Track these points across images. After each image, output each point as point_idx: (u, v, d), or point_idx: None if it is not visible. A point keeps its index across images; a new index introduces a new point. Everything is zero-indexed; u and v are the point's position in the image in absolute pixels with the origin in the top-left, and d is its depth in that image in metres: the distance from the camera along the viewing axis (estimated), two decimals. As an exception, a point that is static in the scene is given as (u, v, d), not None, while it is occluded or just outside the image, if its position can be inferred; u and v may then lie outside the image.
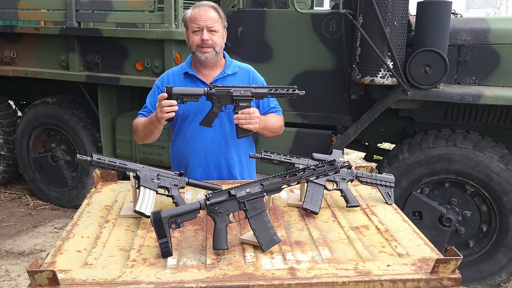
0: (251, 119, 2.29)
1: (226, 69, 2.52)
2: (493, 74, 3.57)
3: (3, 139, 5.33)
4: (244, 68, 2.60)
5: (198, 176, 2.52)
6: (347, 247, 1.77)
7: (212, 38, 2.38)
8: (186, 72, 2.50)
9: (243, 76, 2.56)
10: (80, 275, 1.53)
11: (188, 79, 2.50)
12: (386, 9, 3.33)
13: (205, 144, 2.50)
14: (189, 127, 2.50)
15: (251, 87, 2.29)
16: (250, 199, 1.73)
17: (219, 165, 2.53)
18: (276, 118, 2.58)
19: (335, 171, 1.81)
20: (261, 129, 2.43)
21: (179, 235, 1.85)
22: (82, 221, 1.95)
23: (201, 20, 2.36)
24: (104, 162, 1.96)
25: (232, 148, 2.53)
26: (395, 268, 1.61)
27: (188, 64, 2.53)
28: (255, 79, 2.58)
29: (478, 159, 3.39)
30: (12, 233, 4.52)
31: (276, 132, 2.58)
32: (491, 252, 3.55)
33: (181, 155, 2.56)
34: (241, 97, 2.27)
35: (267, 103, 2.58)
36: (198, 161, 2.52)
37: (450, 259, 1.56)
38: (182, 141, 2.54)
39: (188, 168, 2.55)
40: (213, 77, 2.49)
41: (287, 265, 1.62)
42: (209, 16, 2.38)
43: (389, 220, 2.01)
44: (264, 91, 2.29)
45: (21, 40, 4.71)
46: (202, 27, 2.36)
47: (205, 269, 1.59)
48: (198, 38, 2.38)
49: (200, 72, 2.50)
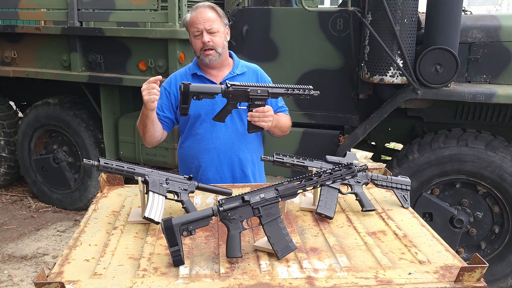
0: (265, 117, 2.28)
1: (235, 69, 2.52)
2: (504, 72, 3.50)
3: (4, 140, 5.26)
4: (252, 68, 2.60)
5: (211, 176, 2.50)
6: (365, 254, 1.70)
7: (213, 40, 2.37)
8: (195, 73, 2.48)
9: (251, 76, 2.56)
10: (90, 286, 1.46)
11: (197, 79, 2.47)
12: (396, 7, 3.26)
13: (218, 144, 2.48)
14: (200, 127, 2.48)
15: (268, 87, 2.27)
16: (265, 204, 1.67)
17: (232, 164, 2.51)
18: (285, 117, 2.59)
19: (352, 175, 1.74)
20: (273, 127, 2.44)
21: (190, 242, 1.78)
22: (89, 228, 1.88)
23: (200, 23, 2.35)
24: (112, 166, 1.89)
25: (244, 147, 2.52)
26: (417, 276, 1.54)
27: (195, 65, 2.52)
28: (262, 79, 2.58)
29: (490, 159, 3.32)
30: (14, 236, 4.45)
31: (285, 131, 2.59)
32: (503, 254, 3.48)
33: (192, 155, 2.53)
34: (257, 96, 2.25)
35: (275, 102, 2.58)
36: (211, 161, 2.50)
37: (476, 267, 1.50)
38: (193, 141, 2.51)
39: (200, 168, 2.52)
40: (222, 77, 2.48)
41: (305, 274, 1.55)
42: (207, 17, 2.36)
43: (407, 225, 1.95)
44: (280, 91, 2.26)
45: (22, 40, 4.64)
46: (201, 30, 2.36)
47: (219, 278, 1.53)
48: (199, 42, 2.38)
49: (208, 73, 2.49)
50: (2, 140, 5.25)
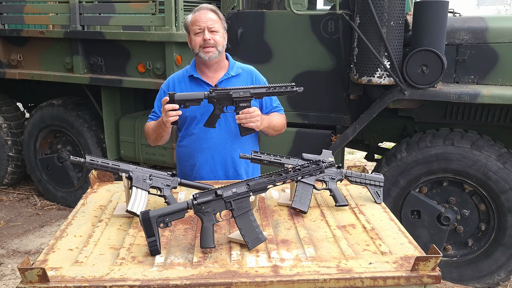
0: (251, 117, 2.37)
1: (230, 70, 2.59)
2: (491, 73, 3.57)
3: (12, 140, 5.44)
4: (247, 70, 2.67)
5: (205, 175, 2.61)
6: (332, 245, 1.80)
7: (214, 38, 2.46)
8: (191, 75, 2.57)
9: (246, 77, 2.63)
10: (70, 272, 1.59)
11: (194, 82, 2.57)
12: (383, 10, 3.35)
13: (212, 144, 2.57)
14: (195, 127, 2.58)
15: (249, 88, 2.36)
16: (236, 198, 1.78)
17: (225, 163, 2.60)
18: (278, 117, 2.65)
19: (320, 171, 1.85)
20: (266, 128, 2.52)
21: (169, 234, 1.90)
22: (76, 220, 2.01)
23: (202, 21, 2.45)
24: (97, 163, 2.01)
25: (238, 147, 2.59)
26: (376, 266, 1.64)
27: (192, 67, 2.60)
28: (257, 80, 2.65)
29: (475, 158, 3.40)
30: (19, 232, 4.62)
31: (279, 130, 2.66)
32: (489, 251, 3.55)
33: (188, 154, 2.64)
34: (241, 98, 2.34)
35: (270, 102, 2.65)
36: (205, 160, 2.60)
37: (430, 257, 1.59)
38: (189, 141, 2.62)
39: (195, 167, 2.62)
40: (217, 78, 2.57)
41: (271, 263, 1.66)
42: (209, 17, 2.46)
43: (376, 219, 2.04)
44: (262, 91, 2.35)
45: (27, 43, 4.81)
46: (203, 28, 2.45)
47: (191, 266, 1.64)
48: (200, 38, 2.46)
49: (204, 74, 2.57)
50: (9, 140, 5.43)
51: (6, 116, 5.45)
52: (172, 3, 3.94)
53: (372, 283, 1.58)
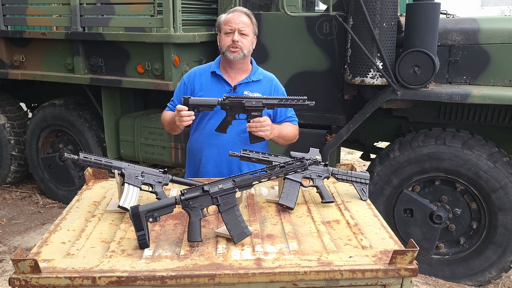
0: (262, 127, 2.44)
1: (252, 75, 2.67)
2: (483, 74, 3.62)
3: (15, 140, 5.54)
4: (268, 77, 2.75)
5: (210, 170, 2.69)
6: (315, 240, 1.87)
7: (242, 41, 2.54)
8: (214, 71, 2.65)
9: (266, 84, 2.70)
10: (62, 264, 1.66)
11: (215, 78, 2.66)
12: (375, 11, 3.41)
13: (220, 141, 2.64)
14: (207, 123, 2.66)
15: (262, 98, 2.42)
16: (223, 194, 1.85)
17: (230, 161, 2.67)
18: (290, 127, 2.72)
19: (304, 168, 1.91)
20: (276, 137, 2.60)
21: (159, 228, 1.97)
22: (70, 215, 2.09)
23: (234, 23, 2.53)
24: (91, 160, 2.09)
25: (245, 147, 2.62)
26: (356, 260, 1.70)
27: (216, 64, 2.68)
28: (276, 88, 2.73)
29: (466, 157, 3.45)
30: (21, 230, 4.71)
31: (289, 140, 2.73)
32: (481, 249, 3.60)
33: (196, 148, 2.73)
34: (253, 108, 2.41)
35: (284, 112, 2.72)
36: (211, 156, 2.68)
37: (407, 250, 1.65)
38: (199, 135, 2.70)
39: (201, 161, 2.71)
40: (238, 80, 2.64)
41: (255, 256, 1.73)
42: (241, 20, 2.55)
43: (361, 215, 2.10)
44: (274, 102, 2.41)
45: (29, 44, 4.90)
46: (234, 29, 2.53)
47: (177, 259, 1.71)
48: (229, 39, 2.54)
49: (227, 73, 2.65)
50: (12, 139, 5.53)
51: (9, 116, 5.55)
52: (170, 5, 4.01)
53: (351, 275, 1.63)
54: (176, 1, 4.03)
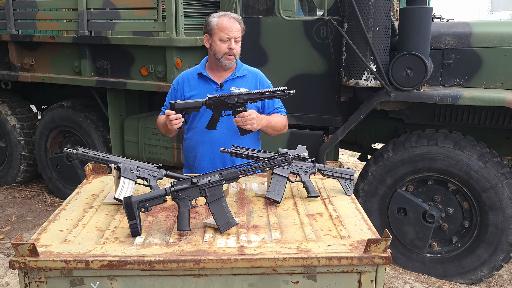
0: (247, 120, 2.55)
1: (236, 71, 2.79)
2: (476, 76, 3.71)
3: (24, 140, 5.72)
4: (252, 72, 2.87)
5: (205, 166, 2.81)
6: (297, 230, 1.98)
7: (236, 48, 2.68)
8: (200, 72, 2.78)
9: (251, 79, 2.82)
10: (58, 249, 1.79)
11: (202, 79, 2.79)
12: (368, 16, 3.52)
13: (213, 137, 2.76)
14: (199, 121, 2.78)
15: (243, 94, 2.53)
16: (210, 186, 1.96)
17: (224, 156, 2.76)
18: (279, 117, 2.82)
19: (287, 163, 2.03)
20: (264, 127, 2.71)
21: (152, 219, 2.09)
22: (69, 206, 2.22)
23: (231, 31, 2.64)
24: (89, 154, 2.22)
25: (237, 142, 2.71)
26: (333, 248, 1.80)
27: (202, 66, 2.81)
28: (262, 82, 2.84)
29: (458, 157, 3.54)
30: (28, 227, 4.87)
31: (279, 130, 2.83)
32: (472, 248, 3.67)
33: (192, 146, 2.85)
34: (236, 104, 2.52)
35: (272, 104, 2.83)
36: (206, 152, 2.80)
37: (381, 239, 1.75)
38: (193, 133, 2.83)
39: (196, 158, 2.83)
40: (224, 78, 2.77)
41: (239, 244, 1.84)
42: (236, 27, 2.67)
43: (343, 209, 2.21)
44: (255, 96, 2.52)
45: (39, 48, 5.08)
46: (231, 37, 2.64)
47: (166, 246, 1.83)
48: (225, 46, 2.65)
49: (213, 73, 2.77)
50: (22, 140, 5.71)
51: (19, 117, 5.74)
52: (172, 10, 4.16)
53: (327, 262, 1.74)
54: (178, 7, 4.18)
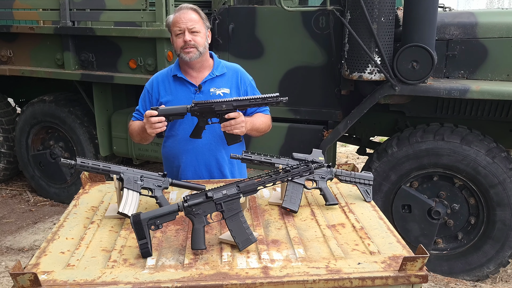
0: (236, 124, 2.35)
1: (215, 70, 2.57)
2: (481, 68, 3.60)
3: (3, 137, 5.42)
4: (232, 68, 2.64)
5: (190, 176, 2.59)
6: (321, 245, 1.83)
7: (194, 39, 2.44)
8: (175, 75, 2.56)
9: (231, 77, 2.61)
10: (62, 276, 1.60)
11: (178, 81, 2.56)
12: (373, 6, 3.36)
13: (196, 145, 2.55)
14: (179, 128, 2.56)
15: (232, 101, 2.33)
16: (227, 200, 1.79)
17: (209, 164, 2.60)
18: (263, 118, 2.62)
19: (309, 172, 1.87)
20: (249, 130, 2.50)
21: (161, 235, 1.91)
22: (68, 222, 2.02)
23: (182, 23, 2.43)
24: (88, 165, 2.02)
25: (222, 148, 2.58)
26: (365, 266, 1.66)
27: (176, 66, 2.58)
28: (243, 79, 2.62)
29: (465, 153, 3.44)
30: (12, 229, 4.62)
31: (262, 131, 2.64)
32: (479, 244, 3.60)
33: (172, 155, 2.63)
34: (224, 111, 2.32)
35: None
36: (189, 162, 2.59)
37: (417, 257, 1.61)
38: (173, 142, 2.61)
39: (180, 168, 2.62)
40: (202, 78, 2.55)
41: (262, 264, 1.68)
42: (189, 18, 2.44)
43: (366, 218, 2.07)
44: (245, 103, 2.33)
45: (17, 39, 4.78)
46: (183, 29, 2.43)
47: (182, 269, 1.66)
48: (181, 40, 2.45)
49: (188, 74, 2.56)
50: (1, 136, 5.42)
51: (-4, 112, 5.43)
52: (162, -1, 3.93)
53: (360, 283, 1.60)
54: (168, -5, 3.95)
